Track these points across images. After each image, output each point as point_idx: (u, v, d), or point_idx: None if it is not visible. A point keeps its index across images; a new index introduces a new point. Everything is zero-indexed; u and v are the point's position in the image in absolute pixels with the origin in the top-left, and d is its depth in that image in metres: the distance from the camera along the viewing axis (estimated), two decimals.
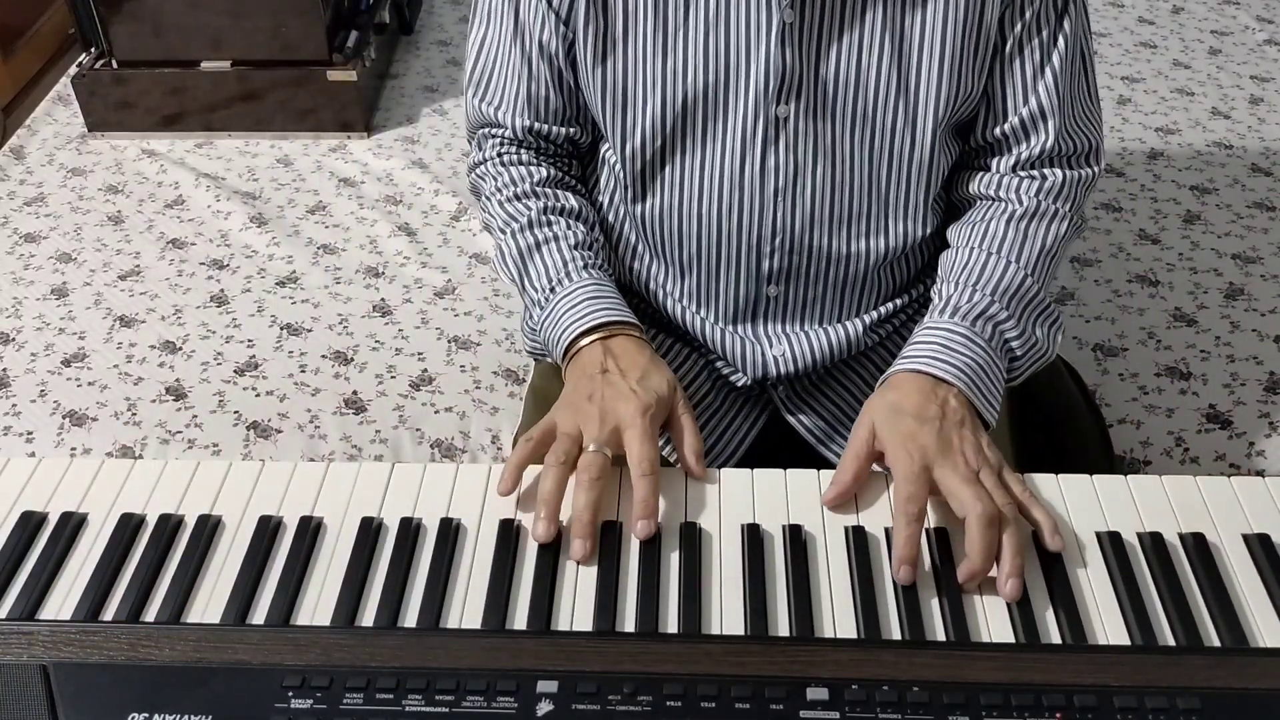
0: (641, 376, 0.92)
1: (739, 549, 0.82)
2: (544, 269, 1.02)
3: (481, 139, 1.11)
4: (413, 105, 2.65)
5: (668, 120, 1.01)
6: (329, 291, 2.07)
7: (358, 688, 0.70)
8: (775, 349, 1.09)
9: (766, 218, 1.03)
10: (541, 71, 1.04)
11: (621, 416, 0.89)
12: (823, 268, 1.06)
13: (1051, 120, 1.01)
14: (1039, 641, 0.76)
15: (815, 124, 0.99)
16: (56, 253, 2.20)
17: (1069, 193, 1.04)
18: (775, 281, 1.07)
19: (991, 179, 1.05)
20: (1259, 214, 2.20)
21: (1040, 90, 1.00)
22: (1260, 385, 1.80)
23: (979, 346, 0.94)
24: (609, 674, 0.71)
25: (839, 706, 0.69)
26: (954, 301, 0.97)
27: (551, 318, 0.99)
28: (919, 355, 0.93)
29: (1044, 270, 1.01)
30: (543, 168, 1.08)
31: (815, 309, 1.09)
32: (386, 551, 0.82)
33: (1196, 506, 0.85)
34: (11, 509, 0.86)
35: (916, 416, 0.87)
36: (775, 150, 1.00)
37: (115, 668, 0.72)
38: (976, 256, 1.00)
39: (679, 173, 1.03)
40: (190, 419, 1.79)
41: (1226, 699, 0.70)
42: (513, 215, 1.05)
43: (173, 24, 2.44)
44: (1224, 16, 2.93)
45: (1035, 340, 0.99)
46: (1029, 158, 1.03)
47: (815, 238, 1.04)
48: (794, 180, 1.01)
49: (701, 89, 0.99)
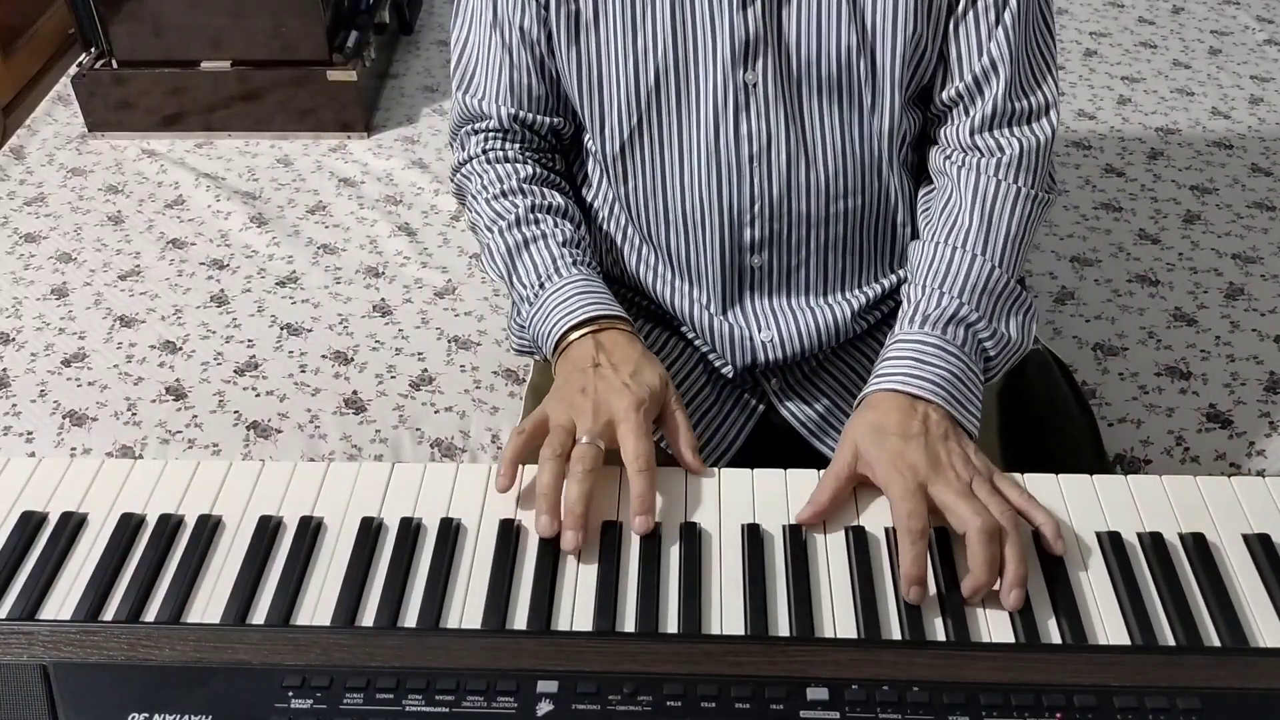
0: (634, 371, 0.92)
1: (739, 549, 0.82)
2: (533, 266, 1.02)
3: (465, 137, 1.11)
4: (413, 105, 2.65)
5: (641, 95, 1.02)
6: (329, 291, 2.07)
7: (358, 688, 0.70)
8: (763, 334, 1.09)
9: (744, 185, 1.04)
10: (523, 59, 1.05)
11: (615, 410, 0.89)
12: (804, 233, 1.07)
13: (1003, 72, 1.01)
14: (1039, 641, 0.76)
15: (782, 88, 1.01)
16: (56, 253, 2.20)
17: (1029, 163, 1.03)
18: (758, 250, 1.07)
19: (950, 154, 1.05)
20: (1259, 214, 2.20)
21: (992, 46, 1.01)
22: (1260, 385, 1.80)
23: (952, 355, 0.94)
24: (609, 674, 0.71)
25: (839, 706, 0.69)
26: (923, 308, 0.97)
27: (541, 313, 1.00)
28: (894, 373, 0.93)
29: (1013, 257, 1.01)
30: (528, 165, 1.08)
31: (800, 277, 1.09)
32: (386, 551, 0.82)
33: (1196, 506, 0.85)
34: (11, 509, 0.86)
35: (900, 435, 0.87)
36: (747, 117, 1.01)
37: (115, 668, 0.72)
38: (942, 253, 1.00)
39: (657, 147, 1.04)
40: (190, 419, 1.79)
41: (1226, 699, 0.69)
42: (499, 213, 1.06)
43: (173, 24, 2.44)
44: (1224, 16, 2.93)
45: (1008, 338, 0.99)
46: (984, 119, 1.03)
47: (793, 203, 1.05)
48: (768, 145, 1.02)
49: (671, 61, 1.00)
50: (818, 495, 0.85)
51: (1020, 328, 1.00)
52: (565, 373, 0.95)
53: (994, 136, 1.04)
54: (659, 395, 0.93)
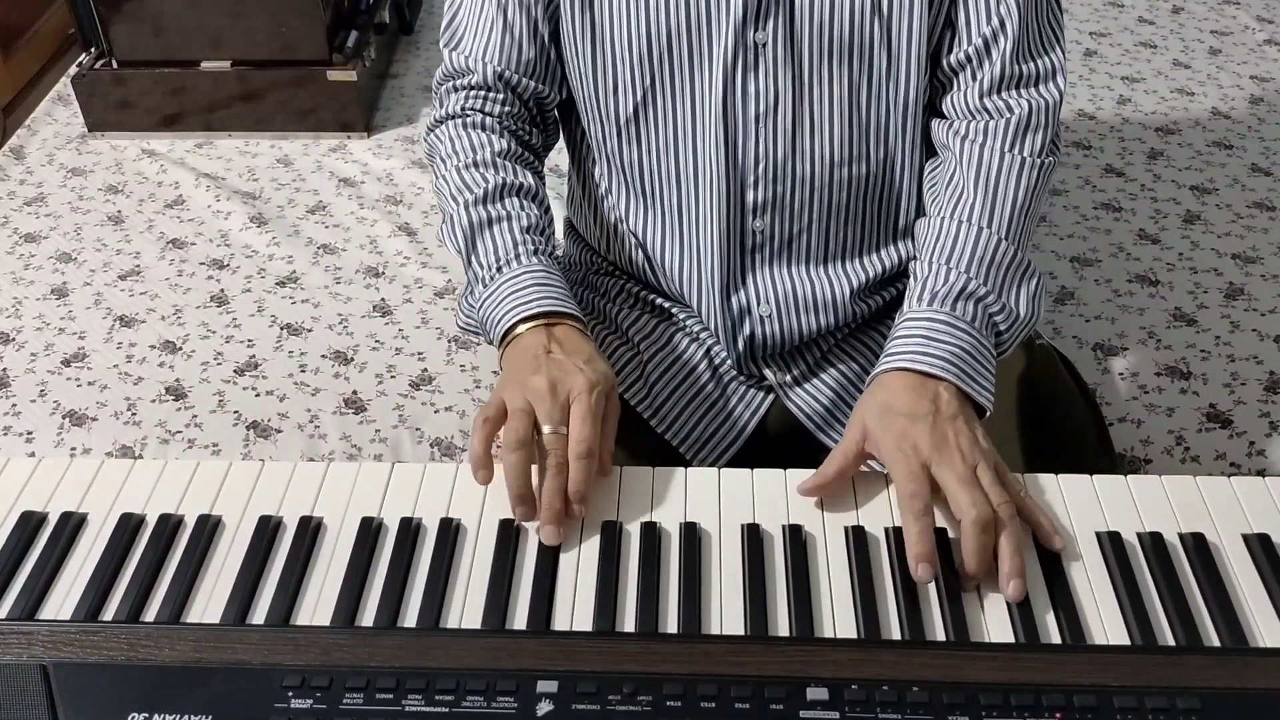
0: (587, 360, 0.91)
1: (739, 549, 0.82)
2: (492, 247, 1.00)
3: (445, 95, 1.10)
4: (413, 105, 2.65)
5: (654, 56, 1.02)
6: (329, 291, 2.07)
7: (358, 688, 0.70)
8: (762, 307, 1.09)
9: (749, 145, 1.04)
10: (517, 21, 1.04)
11: (571, 388, 0.88)
12: (807, 196, 1.06)
13: (1010, 33, 1.01)
14: (1039, 641, 0.76)
15: (792, 49, 1.00)
16: (56, 253, 2.20)
17: (1038, 122, 1.03)
18: (760, 214, 1.07)
19: (956, 125, 1.04)
20: (1259, 214, 2.20)
21: (1000, 8, 1.00)
22: (1260, 385, 1.80)
23: (962, 330, 0.93)
24: (609, 674, 0.71)
25: (839, 706, 0.69)
26: (930, 285, 0.97)
27: (494, 298, 0.98)
28: (904, 351, 0.92)
29: (1019, 228, 1.01)
30: (503, 137, 1.07)
31: (802, 243, 1.09)
32: (386, 551, 0.82)
33: (1196, 506, 0.85)
34: (11, 509, 0.86)
35: (908, 415, 0.87)
36: (755, 76, 1.01)
37: (115, 668, 0.72)
38: (948, 228, 1.00)
39: (668, 108, 1.04)
40: (190, 419, 1.79)
41: (1226, 699, 0.69)
42: (467, 184, 1.04)
43: (173, 24, 2.44)
44: (1224, 16, 2.93)
45: (1016, 313, 0.98)
46: (992, 82, 1.02)
47: (797, 165, 1.04)
48: (774, 106, 1.02)
49: (684, 20, 1.00)
50: (824, 469, 0.85)
51: (1030, 299, 1.00)
52: (515, 360, 0.93)
53: (1002, 99, 1.03)
54: (611, 383, 0.92)
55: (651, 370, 1.12)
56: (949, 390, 0.89)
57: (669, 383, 1.12)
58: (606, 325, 1.16)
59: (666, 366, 1.12)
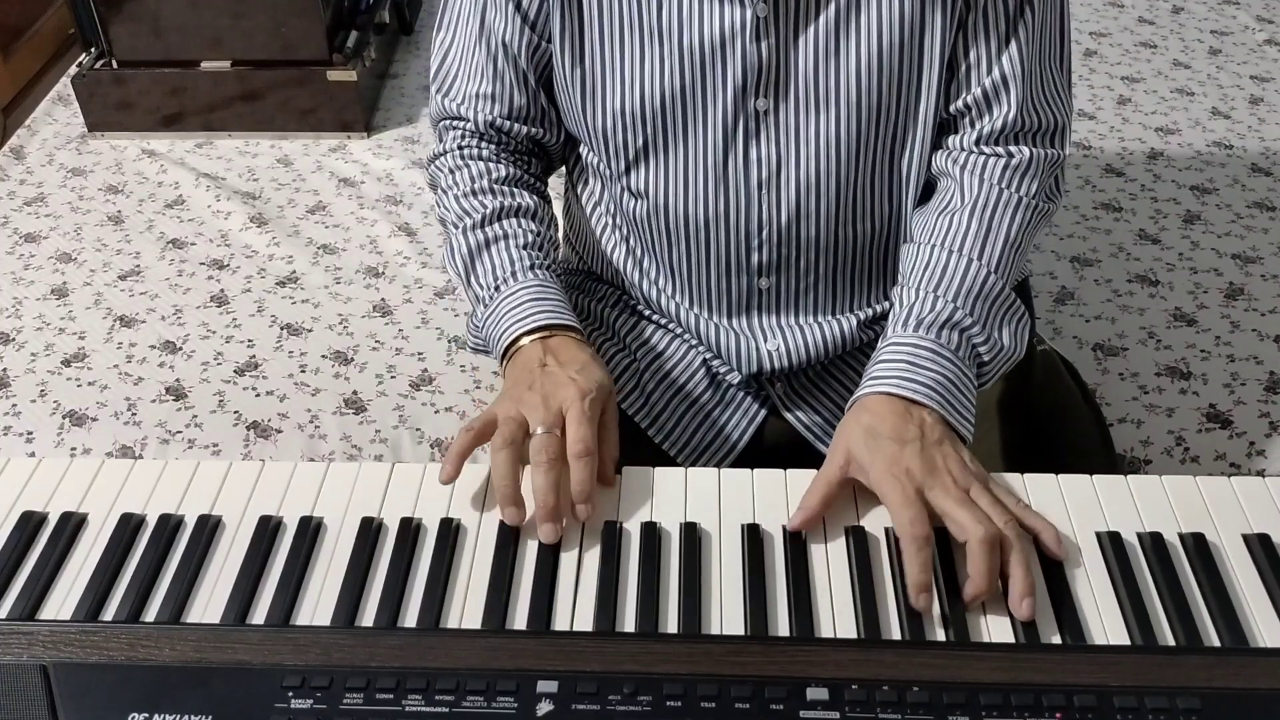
0: (580, 368, 0.92)
1: (739, 549, 0.82)
2: (490, 268, 1.01)
3: (443, 130, 1.11)
4: (413, 105, 2.65)
5: (647, 119, 1.01)
6: (329, 291, 2.07)
7: (358, 688, 0.70)
8: (770, 343, 1.09)
9: (753, 211, 1.03)
10: (506, 71, 1.04)
11: (563, 399, 0.89)
12: (813, 258, 1.06)
13: (1014, 91, 0.99)
14: (1039, 641, 0.76)
15: (796, 114, 0.99)
16: (56, 253, 2.20)
17: (1035, 171, 1.02)
18: (766, 274, 1.07)
19: (955, 156, 1.03)
20: (1259, 214, 2.20)
21: (1004, 60, 0.99)
22: (1260, 385, 1.80)
23: (946, 359, 0.92)
24: (609, 674, 0.71)
25: (839, 706, 0.69)
26: (916, 312, 0.95)
27: (494, 317, 0.99)
28: (888, 375, 0.91)
29: (1008, 264, 0.99)
30: (503, 165, 1.07)
31: (809, 299, 1.09)
32: (386, 551, 0.82)
33: (1196, 506, 0.85)
34: (11, 509, 0.86)
35: (896, 439, 0.86)
36: (757, 143, 1.00)
37: (115, 668, 0.72)
38: (938, 256, 0.98)
39: (663, 170, 1.03)
40: (190, 419, 1.79)
41: (1226, 699, 0.69)
42: (466, 211, 1.05)
43: (173, 24, 2.44)
44: (1224, 16, 2.93)
45: (1001, 345, 0.97)
46: (991, 132, 1.01)
47: (802, 228, 1.04)
48: (778, 172, 1.01)
49: (679, 87, 0.99)
50: (808, 500, 0.84)
51: (1014, 335, 0.99)
52: (513, 375, 0.95)
53: (1004, 147, 1.02)
54: (606, 390, 0.92)
55: (648, 379, 1.12)
56: (933, 416, 0.88)
57: (665, 391, 1.12)
58: (603, 331, 1.16)
59: (663, 375, 1.12)
